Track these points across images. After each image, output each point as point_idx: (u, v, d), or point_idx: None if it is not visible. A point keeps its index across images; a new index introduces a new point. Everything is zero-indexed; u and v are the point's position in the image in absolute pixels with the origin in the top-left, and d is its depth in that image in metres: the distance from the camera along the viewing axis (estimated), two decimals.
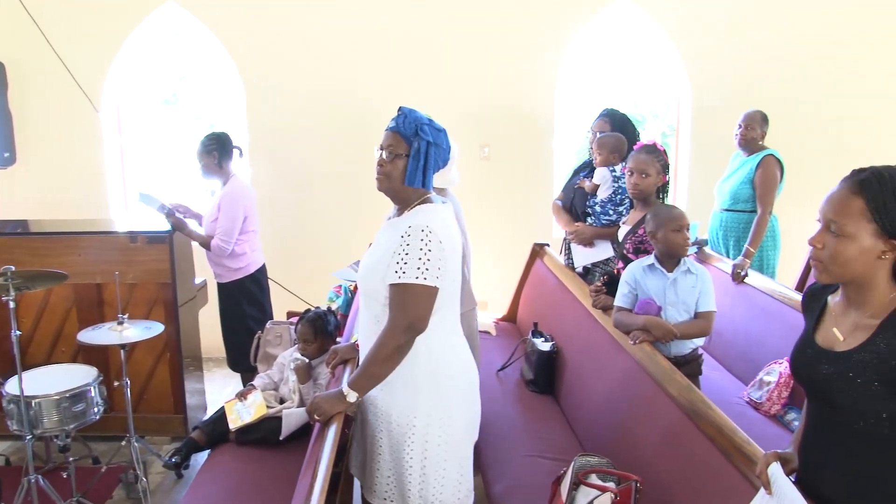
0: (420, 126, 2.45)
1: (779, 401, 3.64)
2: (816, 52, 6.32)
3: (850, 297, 1.78)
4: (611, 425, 3.13)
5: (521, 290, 5.09)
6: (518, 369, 4.19)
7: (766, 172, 4.68)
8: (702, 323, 3.24)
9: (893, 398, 1.65)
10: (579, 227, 4.27)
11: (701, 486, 2.35)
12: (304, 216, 6.14)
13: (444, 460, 2.53)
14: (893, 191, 1.65)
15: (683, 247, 3.25)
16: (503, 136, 6.13)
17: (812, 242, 1.76)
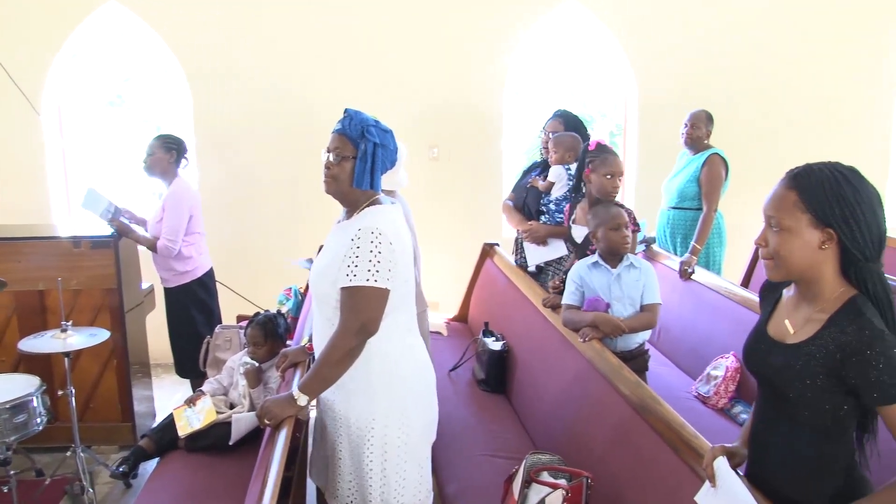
0: (366, 128, 2.44)
1: (726, 394, 3.71)
2: (761, 53, 6.45)
3: (801, 291, 1.83)
4: (562, 423, 3.15)
5: (472, 290, 5.10)
6: (470, 369, 4.20)
7: (711, 171, 4.75)
8: (648, 315, 3.31)
9: (837, 391, 1.70)
10: (533, 225, 4.28)
11: (650, 480, 2.38)
12: (253, 219, 6.07)
13: (403, 462, 2.53)
14: (822, 181, 1.70)
15: (623, 244, 3.31)
16: (452, 136, 6.14)
17: (757, 242, 1.81)
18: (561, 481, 2.44)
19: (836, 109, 6.84)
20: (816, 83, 6.70)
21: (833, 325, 1.71)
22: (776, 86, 6.57)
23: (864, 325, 1.66)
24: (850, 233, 1.69)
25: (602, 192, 3.55)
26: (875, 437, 1.81)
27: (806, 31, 6.55)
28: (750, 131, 6.37)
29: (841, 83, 6.82)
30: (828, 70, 6.71)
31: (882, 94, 7.04)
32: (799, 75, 6.63)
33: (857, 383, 1.66)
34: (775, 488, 1.85)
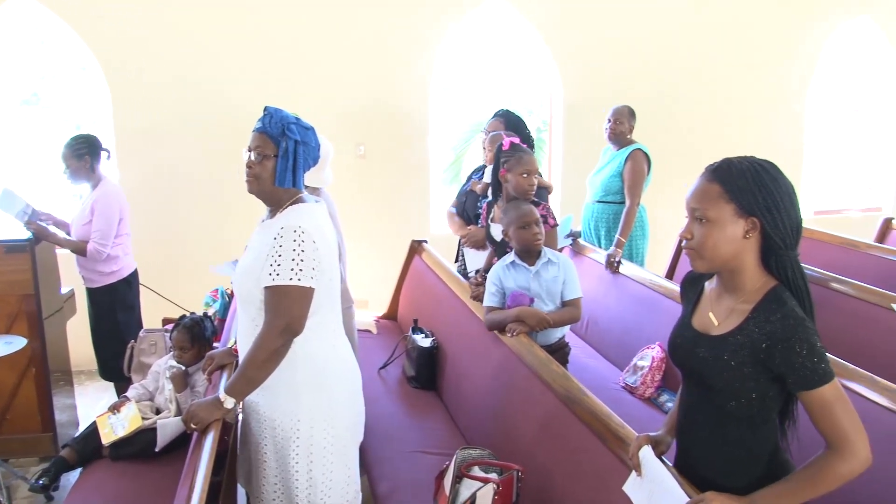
0: (287, 125, 2.42)
1: (652, 384, 3.79)
2: (681, 51, 6.62)
3: (724, 283, 1.88)
4: (492, 417, 3.17)
5: (401, 287, 5.09)
6: (400, 367, 4.20)
7: (634, 165, 4.84)
8: (571, 310, 3.36)
9: (762, 379, 1.75)
10: (471, 230, 4.29)
11: (579, 471, 2.42)
12: (177, 219, 5.94)
13: (330, 463, 2.51)
14: (743, 173, 1.75)
15: (533, 242, 3.32)
16: (379, 134, 6.12)
17: (682, 235, 1.84)
18: (492, 475, 2.45)
19: (751, 106, 7.06)
20: (733, 80, 6.92)
21: (757, 315, 1.76)
22: (695, 83, 6.75)
23: (787, 314, 1.71)
24: (772, 221, 1.75)
25: (519, 191, 3.57)
26: (796, 421, 1.87)
27: (723, 30, 6.74)
28: (670, 127, 6.52)
29: (756, 80, 7.05)
30: (744, 67, 6.93)
31: (793, 91, 7.29)
32: (716, 73, 6.83)
33: (783, 371, 1.71)
34: (702, 475, 1.90)
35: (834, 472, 1.69)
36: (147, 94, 5.73)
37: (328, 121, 5.47)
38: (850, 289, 4.18)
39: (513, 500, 2.42)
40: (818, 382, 1.68)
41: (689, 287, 2.05)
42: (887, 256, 5.14)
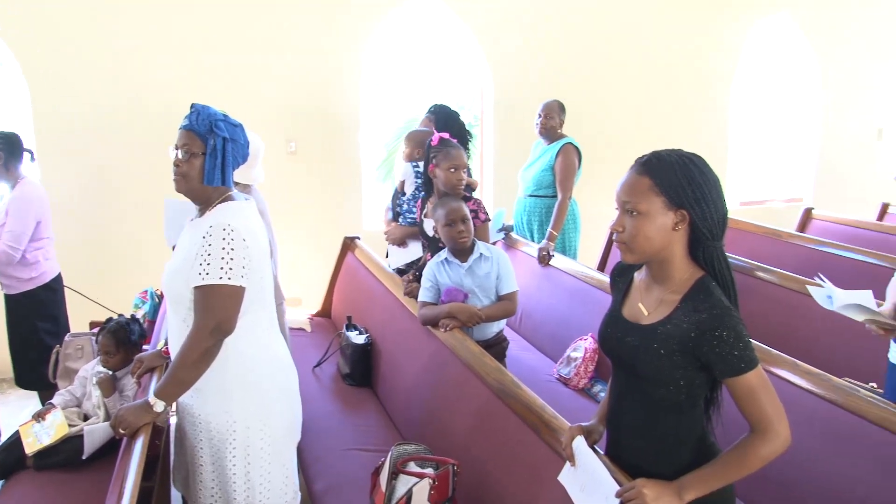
0: (214, 122, 2.37)
1: (586, 375, 3.83)
2: (609, 46, 6.73)
3: (653, 274, 1.91)
4: (427, 412, 3.18)
5: (335, 284, 5.05)
6: (334, 364, 4.17)
7: (565, 160, 4.88)
8: (506, 304, 3.37)
9: (690, 367, 1.79)
10: (390, 227, 4.28)
11: (514, 463, 2.44)
12: (104, 219, 5.77)
13: (268, 464, 2.48)
14: (671, 165, 1.79)
15: (459, 239, 3.33)
16: (310, 130, 6.06)
17: (613, 228, 1.86)
18: (428, 470, 2.45)
19: (677, 100, 7.22)
20: (659, 75, 7.06)
21: (685, 305, 1.80)
22: (623, 78, 6.86)
23: (714, 304, 1.75)
24: (700, 213, 1.78)
25: (448, 186, 3.58)
26: (719, 407, 1.92)
27: (648, 27, 6.87)
28: (599, 121, 6.62)
29: (681, 75, 7.21)
30: (669, 63, 7.07)
31: (717, 86, 7.47)
32: (643, 68, 6.95)
33: (710, 359, 1.75)
34: (633, 463, 1.93)
35: (757, 454, 1.74)
36: (68, 92, 5.55)
37: (258, 117, 5.39)
38: (774, 277, 4.31)
39: (449, 494, 2.42)
40: (744, 369, 1.73)
41: (618, 278, 2.08)
42: (808, 245, 5.31)
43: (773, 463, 1.80)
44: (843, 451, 2.54)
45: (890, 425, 2.43)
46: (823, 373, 2.77)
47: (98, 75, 5.59)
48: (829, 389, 2.68)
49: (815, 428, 2.64)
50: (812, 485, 2.60)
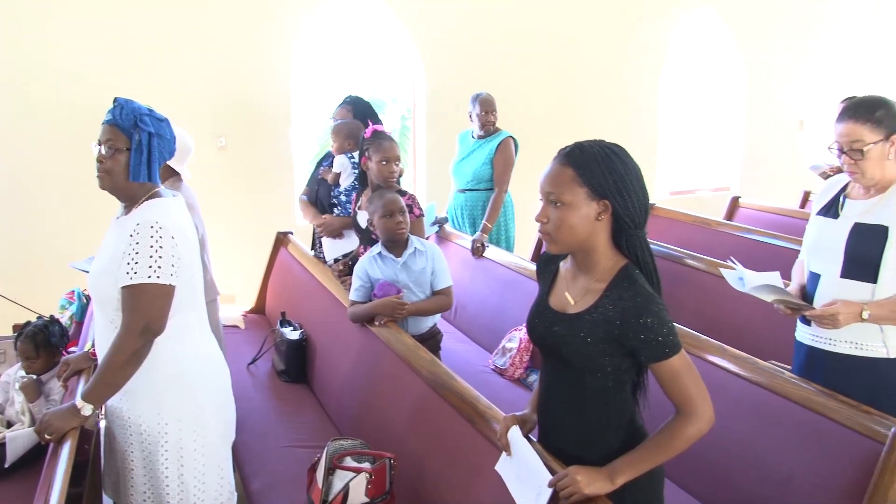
0: (139, 117, 2.31)
1: (521, 365, 3.87)
2: (541, 38, 6.80)
3: (578, 263, 1.92)
4: (363, 406, 3.17)
5: (268, 280, 4.99)
6: (269, 361, 4.12)
7: (505, 154, 4.91)
8: (442, 298, 3.38)
9: (616, 354, 1.82)
10: (326, 219, 4.25)
11: (451, 454, 2.45)
12: (27, 218, 5.58)
13: (202, 465, 2.44)
14: (593, 156, 1.81)
15: (397, 231, 3.31)
16: (239, 125, 5.97)
17: (538, 219, 1.88)
18: (364, 465, 2.44)
19: (607, 92, 7.33)
20: (589, 68, 7.15)
21: (610, 293, 1.82)
22: (553, 71, 6.93)
23: (638, 292, 1.78)
24: (623, 202, 1.81)
25: (380, 179, 3.57)
26: (646, 391, 1.96)
27: (578, 19, 6.96)
28: (530, 114, 6.66)
29: (610, 68, 7.32)
30: (599, 56, 7.17)
31: (646, 78, 7.61)
32: (573, 61, 7.04)
33: (635, 345, 1.78)
34: (565, 450, 1.95)
35: (683, 435, 1.79)
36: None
37: (185, 112, 5.30)
38: (702, 264, 4.41)
39: (386, 488, 2.42)
40: (668, 354, 1.76)
41: (544, 267, 2.10)
42: (735, 233, 5.44)
43: (703, 444, 1.85)
44: (770, 430, 2.62)
45: (811, 404, 2.51)
46: (750, 356, 2.85)
47: (19, 71, 5.40)
48: (756, 372, 2.75)
49: (743, 409, 2.72)
50: (740, 464, 2.67)
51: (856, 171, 2.54)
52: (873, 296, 2.50)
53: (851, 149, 2.52)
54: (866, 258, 2.52)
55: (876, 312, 2.46)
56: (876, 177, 2.54)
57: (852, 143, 2.52)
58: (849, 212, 2.62)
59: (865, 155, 2.50)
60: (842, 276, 2.56)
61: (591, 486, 1.78)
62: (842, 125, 2.56)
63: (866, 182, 2.57)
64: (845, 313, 2.46)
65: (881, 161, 2.52)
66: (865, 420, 2.35)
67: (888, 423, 2.27)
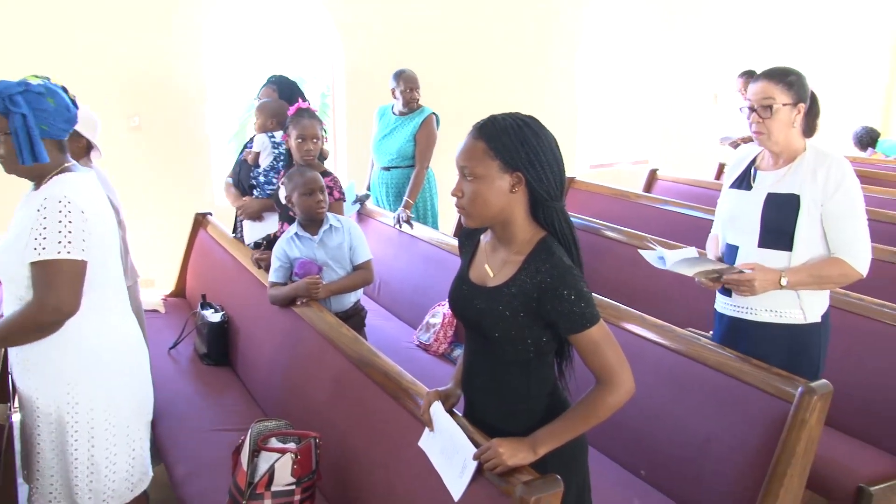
0: (10, 98, 2.18)
1: (445, 340, 3.89)
2: (460, 13, 6.76)
3: (497, 236, 1.93)
4: (288, 387, 3.14)
5: (187, 263, 4.89)
6: (191, 345, 4.04)
7: (428, 130, 4.91)
8: (363, 273, 3.38)
9: (536, 326, 1.83)
10: (245, 201, 4.18)
11: (376, 431, 2.45)
12: None
13: (113, 445, 2.39)
14: (506, 129, 1.80)
15: (317, 209, 3.29)
16: (153, 103, 5.79)
17: (453, 193, 1.88)
18: (290, 445, 2.43)
19: (526, 67, 7.36)
20: (508, 43, 7.17)
21: (528, 265, 1.83)
22: (473, 46, 6.93)
23: (555, 264, 1.79)
24: (535, 174, 1.81)
25: (297, 156, 3.56)
26: (571, 362, 1.99)
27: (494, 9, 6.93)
28: (450, 90, 6.66)
29: (529, 42, 7.35)
30: (517, 30, 7.18)
31: (564, 52, 7.66)
32: (492, 36, 7.05)
33: (553, 317, 1.79)
34: (489, 422, 1.97)
35: (604, 404, 1.81)
36: None
37: (96, 91, 5.14)
38: (622, 235, 4.49)
39: (312, 467, 2.41)
40: (586, 326, 1.78)
41: (465, 241, 2.10)
42: (654, 204, 5.56)
43: (625, 411, 1.89)
44: (688, 395, 2.70)
45: (727, 369, 2.60)
46: (668, 324, 2.92)
47: None
48: (674, 340, 2.83)
49: (662, 376, 2.79)
50: (661, 429, 2.75)
51: (763, 130, 2.61)
52: (790, 263, 2.59)
53: (762, 106, 2.59)
54: (781, 227, 2.60)
55: (793, 278, 2.55)
56: (780, 141, 2.62)
57: (763, 101, 2.59)
58: (761, 183, 2.69)
59: (774, 114, 2.58)
60: (759, 245, 2.63)
61: (515, 457, 1.80)
62: (756, 85, 2.64)
63: (771, 145, 2.64)
64: (761, 280, 2.53)
65: (787, 126, 2.61)
66: (776, 381, 2.44)
67: (797, 384, 2.37)
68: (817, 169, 2.57)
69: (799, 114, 2.62)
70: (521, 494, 1.73)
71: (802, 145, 2.66)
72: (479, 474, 1.87)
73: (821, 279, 2.58)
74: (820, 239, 2.59)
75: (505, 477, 1.81)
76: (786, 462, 2.31)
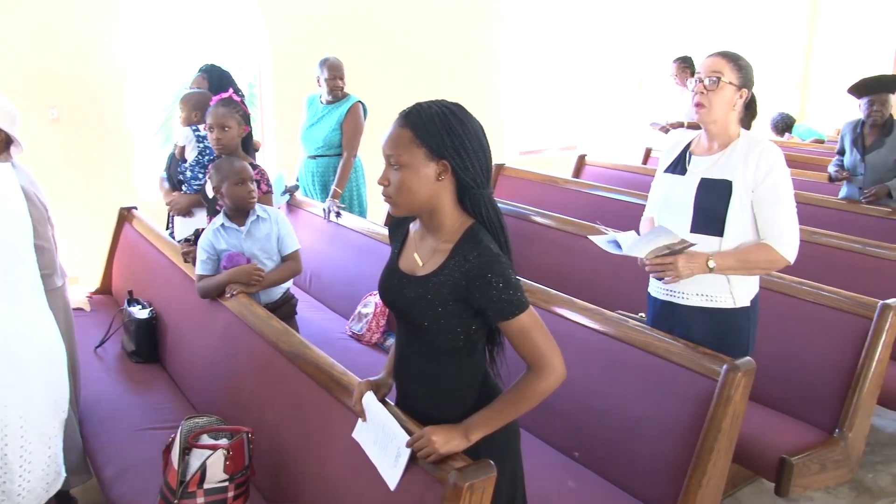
0: None
1: (377, 329, 3.88)
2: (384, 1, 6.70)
3: (425, 224, 1.92)
4: (219, 382, 3.09)
5: (113, 258, 4.76)
6: (118, 342, 3.95)
7: (355, 119, 4.88)
8: (291, 264, 3.36)
9: (465, 315, 1.84)
10: (174, 196, 4.09)
11: (309, 424, 2.44)
12: None
13: (28, 443, 2.33)
14: (431, 117, 1.80)
15: (248, 199, 3.26)
16: (73, 95, 5.61)
17: (380, 182, 1.86)
18: (221, 441, 2.39)
19: (455, 54, 7.37)
20: (436, 30, 7.14)
21: (456, 254, 1.83)
22: (401, 33, 6.89)
23: (483, 252, 1.79)
24: (461, 162, 1.81)
25: (212, 146, 3.52)
26: (502, 349, 2.00)
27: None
28: (380, 76, 6.63)
29: (456, 29, 7.34)
30: (446, 17, 7.17)
31: (491, 38, 7.69)
32: (420, 23, 7.02)
33: (482, 305, 1.80)
34: (422, 411, 1.97)
35: (535, 390, 1.83)
36: None
37: (9, 83, 4.97)
38: (552, 221, 4.54)
39: (245, 462, 2.38)
40: (515, 313, 1.79)
41: (395, 230, 2.09)
42: (583, 190, 5.64)
43: (558, 395, 1.91)
44: (619, 376, 2.75)
45: (655, 349, 2.66)
46: (597, 307, 2.96)
47: None
48: (603, 322, 2.88)
49: (593, 359, 2.84)
50: (593, 411, 2.79)
51: (705, 102, 2.65)
52: (721, 248, 2.63)
53: (710, 78, 2.63)
54: (713, 212, 2.64)
55: (721, 262, 2.58)
56: (719, 119, 2.66)
57: (712, 73, 2.63)
58: (695, 168, 2.73)
59: (719, 89, 2.62)
60: (692, 230, 2.67)
61: (447, 444, 1.81)
62: (708, 59, 2.69)
63: (709, 121, 2.68)
64: (685, 264, 2.56)
65: (728, 106, 2.65)
66: (702, 360, 2.51)
67: (722, 361, 2.44)
68: (749, 155, 2.61)
69: (741, 99, 2.67)
70: (455, 481, 1.74)
71: (737, 132, 2.70)
72: (413, 463, 1.87)
73: (749, 264, 2.62)
74: (750, 225, 2.64)
75: (438, 464, 1.82)
76: (713, 437, 2.37)
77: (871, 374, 3.04)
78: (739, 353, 2.60)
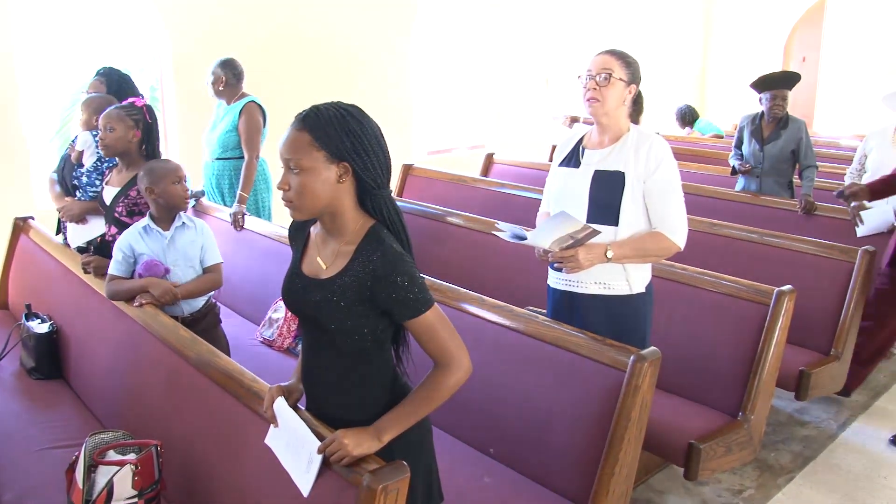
0: None
1: (289, 334, 3.84)
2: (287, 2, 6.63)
3: (327, 227, 1.92)
4: (126, 395, 3.01)
5: (8, 271, 4.57)
6: (16, 359, 3.79)
7: (249, 119, 4.79)
8: (212, 276, 3.30)
9: (371, 315, 1.84)
10: (67, 203, 3.95)
11: (220, 433, 2.39)
12: None
13: None
14: (330, 119, 1.80)
15: (183, 198, 3.21)
16: None
17: (279, 186, 1.85)
18: (129, 456, 2.34)
19: (360, 55, 7.33)
20: (342, 30, 7.10)
21: (360, 255, 1.83)
22: (305, 32, 6.82)
23: (386, 252, 1.80)
24: (362, 163, 1.81)
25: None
26: (408, 347, 2.02)
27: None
28: (283, 77, 6.55)
29: (364, 31, 7.32)
30: (353, 16, 7.13)
31: (397, 37, 7.69)
32: (326, 22, 6.96)
33: (388, 305, 1.81)
34: (333, 414, 1.97)
35: (443, 386, 1.85)
36: None
37: None
38: (462, 220, 4.57)
39: (155, 477, 2.33)
40: (421, 310, 1.81)
41: (296, 233, 2.08)
42: (491, 188, 5.70)
43: (471, 392, 1.93)
44: (530, 371, 2.80)
45: (563, 343, 2.72)
46: (505, 304, 3.01)
47: None
48: (512, 318, 2.92)
49: (504, 355, 2.88)
50: (506, 407, 2.83)
51: (598, 97, 2.73)
52: (616, 238, 2.72)
53: (601, 75, 2.71)
54: (608, 203, 2.74)
55: (618, 252, 2.68)
56: (611, 112, 2.75)
57: (603, 70, 2.72)
58: (588, 160, 2.82)
59: (610, 84, 2.71)
60: (587, 221, 2.74)
61: (359, 447, 1.81)
62: (598, 57, 2.77)
63: (602, 114, 2.76)
64: (585, 255, 2.65)
65: (619, 100, 2.75)
66: (610, 352, 2.57)
67: (629, 352, 2.50)
68: (640, 148, 2.73)
69: (630, 94, 2.78)
70: (369, 484, 1.74)
71: (627, 126, 2.82)
72: (326, 467, 1.86)
73: (644, 252, 2.74)
74: (643, 214, 2.75)
75: (352, 468, 1.82)
76: (623, 427, 2.44)
77: (770, 358, 3.18)
78: (637, 338, 2.72)
